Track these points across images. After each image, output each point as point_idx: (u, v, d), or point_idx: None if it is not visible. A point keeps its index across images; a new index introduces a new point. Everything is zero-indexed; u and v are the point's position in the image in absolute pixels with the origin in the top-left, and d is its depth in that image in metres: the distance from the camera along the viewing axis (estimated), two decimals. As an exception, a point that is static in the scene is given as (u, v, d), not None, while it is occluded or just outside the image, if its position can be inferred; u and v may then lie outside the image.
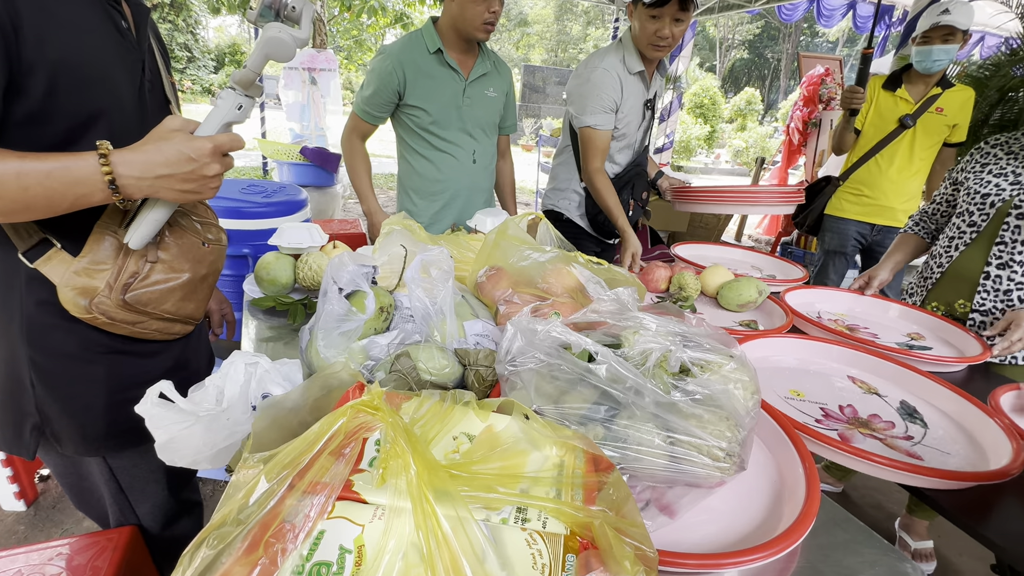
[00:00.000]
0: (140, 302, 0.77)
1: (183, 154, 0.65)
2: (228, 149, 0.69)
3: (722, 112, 14.73)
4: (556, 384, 0.68)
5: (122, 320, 0.77)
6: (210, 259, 0.88)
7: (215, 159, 0.68)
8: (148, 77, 0.79)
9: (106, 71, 0.71)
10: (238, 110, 0.71)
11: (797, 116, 4.94)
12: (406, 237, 1.09)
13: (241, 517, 0.30)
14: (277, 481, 0.31)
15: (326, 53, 7.42)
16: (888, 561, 0.59)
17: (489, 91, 1.67)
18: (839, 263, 2.43)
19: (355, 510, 0.33)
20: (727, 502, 0.66)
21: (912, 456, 0.77)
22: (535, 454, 0.40)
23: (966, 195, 1.40)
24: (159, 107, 0.83)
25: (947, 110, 2.13)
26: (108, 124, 0.72)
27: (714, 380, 0.67)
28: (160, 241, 0.80)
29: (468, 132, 1.66)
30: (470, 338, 0.88)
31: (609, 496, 0.37)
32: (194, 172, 0.67)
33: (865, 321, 1.39)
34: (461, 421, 0.43)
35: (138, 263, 0.77)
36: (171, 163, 0.65)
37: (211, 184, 0.70)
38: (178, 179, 0.66)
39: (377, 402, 0.34)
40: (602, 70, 1.61)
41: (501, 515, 0.34)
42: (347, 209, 6.15)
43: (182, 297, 0.83)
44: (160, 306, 0.80)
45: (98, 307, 0.74)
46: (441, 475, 0.31)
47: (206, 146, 0.66)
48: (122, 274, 0.75)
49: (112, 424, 0.83)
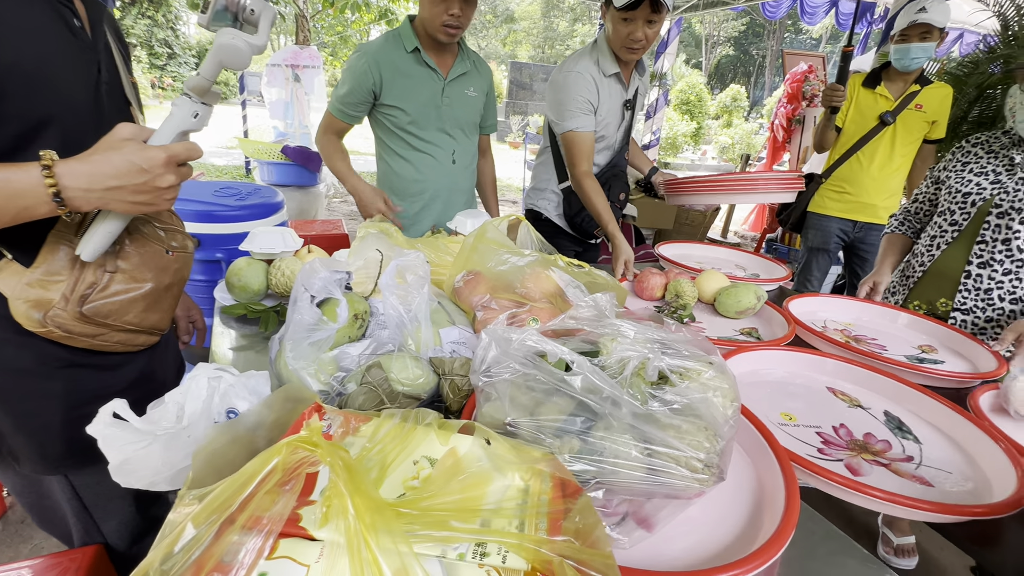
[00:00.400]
0: (99, 314, 0.74)
1: (134, 165, 0.62)
2: (184, 159, 0.66)
3: (708, 109, 14.81)
4: (532, 395, 0.66)
5: (80, 333, 0.73)
6: (175, 267, 0.85)
7: (169, 170, 0.65)
8: (105, 78, 0.76)
9: (56, 73, 0.67)
10: (194, 118, 0.68)
11: (781, 113, 4.98)
12: (382, 241, 1.07)
13: (164, 568, 0.28)
14: (205, 526, 0.29)
15: (309, 50, 7.32)
16: (869, 572, 0.58)
17: (469, 90, 1.65)
18: (822, 260, 2.45)
19: (301, 548, 0.31)
20: (707, 513, 0.65)
21: (921, 481, 0.74)
22: (498, 481, 0.38)
23: (948, 194, 1.40)
24: (118, 109, 0.80)
25: (926, 107, 2.15)
26: (60, 129, 0.68)
27: (693, 388, 0.65)
28: (120, 250, 0.76)
29: (447, 132, 1.63)
30: (446, 346, 0.86)
31: (575, 524, 0.35)
32: (146, 184, 0.63)
33: (873, 331, 1.31)
34: (423, 444, 0.41)
35: (96, 273, 0.73)
36: (121, 174, 0.61)
37: (165, 196, 0.67)
38: (129, 191, 0.63)
39: (316, 438, 0.32)
40: (575, 73, 1.61)
41: (458, 550, 0.32)
42: (331, 209, 6.08)
43: (145, 308, 0.80)
44: (122, 317, 0.77)
45: (53, 320, 0.70)
46: (387, 515, 0.29)
47: (159, 156, 0.63)
48: (79, 285, 0.72)
49: (72, 441, 0.79)
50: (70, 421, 0.78)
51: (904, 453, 0.81)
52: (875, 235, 2.34)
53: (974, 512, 0.63)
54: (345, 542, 0.27)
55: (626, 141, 1.85)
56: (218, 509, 0.30)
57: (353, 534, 0.27)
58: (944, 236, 1.40)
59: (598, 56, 1.64)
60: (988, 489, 0.73)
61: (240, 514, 0.30)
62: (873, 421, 0.90)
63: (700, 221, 4.59)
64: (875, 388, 0.99)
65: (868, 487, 0.66)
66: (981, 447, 0.81)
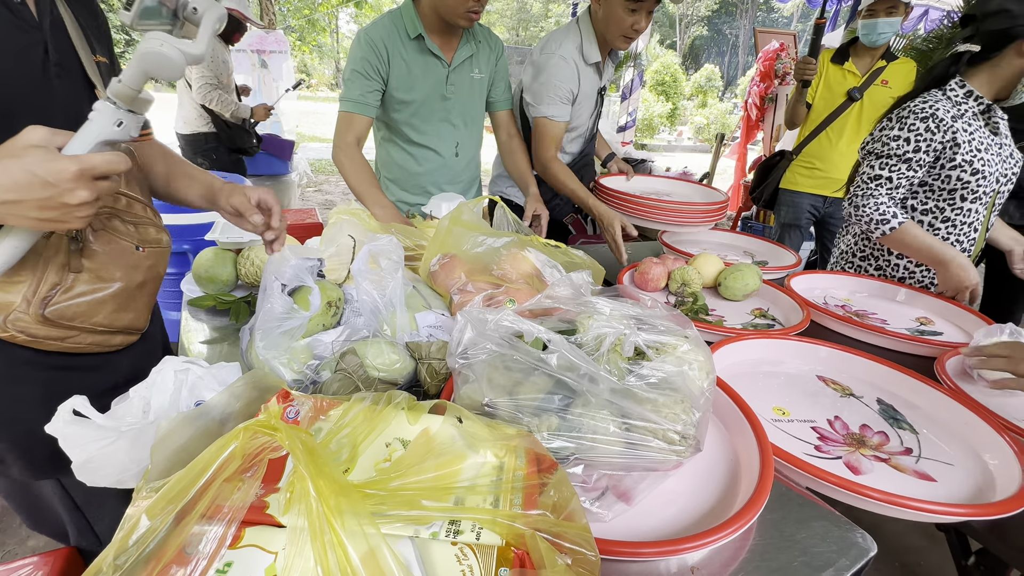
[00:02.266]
0: (64, 317, 0.69)
1: (36, 177, 0.53)
2: (102, 172, 0.57)
3: (683, 89, 14.85)
4: (510, 375, 0.65)
5: (46, 336, 0.69)
6: (147, 264, 0.79)
7: (80, 184, 0.55)
8: (55, 59, 0.68)
9: None
10: (118, 127, 0.59)
11: (754, 92, 5.02)
12: (354, 226, 1.04)
13: (118, 562, 0.26)
14: (160, 517, 0.28)
15: (276, 34, 7.07)
16: (839, 532, 0.60)
17: (474, 73, 1.53)
18: (794, 236, 2.50)
19: (269, 536, 0.30)
20: (685, 483, 0.66)
21: (923, 477, 0.73)
22: (472, 459, 0.37)
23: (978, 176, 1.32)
24: (77, 96, 0.71)
25: (892, 82, 2.19)
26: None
27: (669, 362, 0.66)
28: (83, 248, 0.70)
29: (451, 122, 1.53)
30: (423, 330, 0.85)
31: (551, 498, 0.35)
32: (51, 200, 0.54)
33: (873, 307, 1.33)
34: (394, 425, 0.41)
35: (60, 274, 0.68)
36: (20, 187, 0.53)
37: (76, 213, 0.57)
38: (30, 206, 0.54)
39: (274, 421, 0.31)
40: (559, 58, 1.54)
41: (432, 529, 0.31)
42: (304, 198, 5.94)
43: (116, 308, 0.75)
44: (90, 319, 0.72)
45: (15, 324, 0.66)
46: (352, 497, 0.28)
47: (68, 169, 0.54)
48: (41, 286, 0.67)
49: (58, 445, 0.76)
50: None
51: (903, 446, 0.80)
52: (844, 210, 2.38)
53: (985, 512, 0.62)
54: (308, 526, 0.26)
55: (595, 128, 1.83)
56: (174, 499, 0.29)
57: (316, 517, 0.26)
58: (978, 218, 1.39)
59: (582, 42, 1.58)
60: (991, 480, 0.72)
61: (198, 503, 0.28)
62: (867, 411, 0.88)
63: (677, 201, 4.62)
64: (865, 375, 0.97)
65: (872, 490, 0.64)
66: (978, 434, 0.80)
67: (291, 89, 5.02)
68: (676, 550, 0.53)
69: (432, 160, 1.56)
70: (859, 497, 0.65)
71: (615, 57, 1.72)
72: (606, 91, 1.78)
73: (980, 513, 0.63)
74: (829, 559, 0.56)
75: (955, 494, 0.70)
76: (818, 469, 0.67)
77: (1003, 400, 0.92)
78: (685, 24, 24.90)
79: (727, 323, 1.17)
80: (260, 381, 0.44)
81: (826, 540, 0.59)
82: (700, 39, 27.91)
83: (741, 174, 5.28)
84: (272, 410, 0.32)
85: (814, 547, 0.58)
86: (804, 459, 0.70)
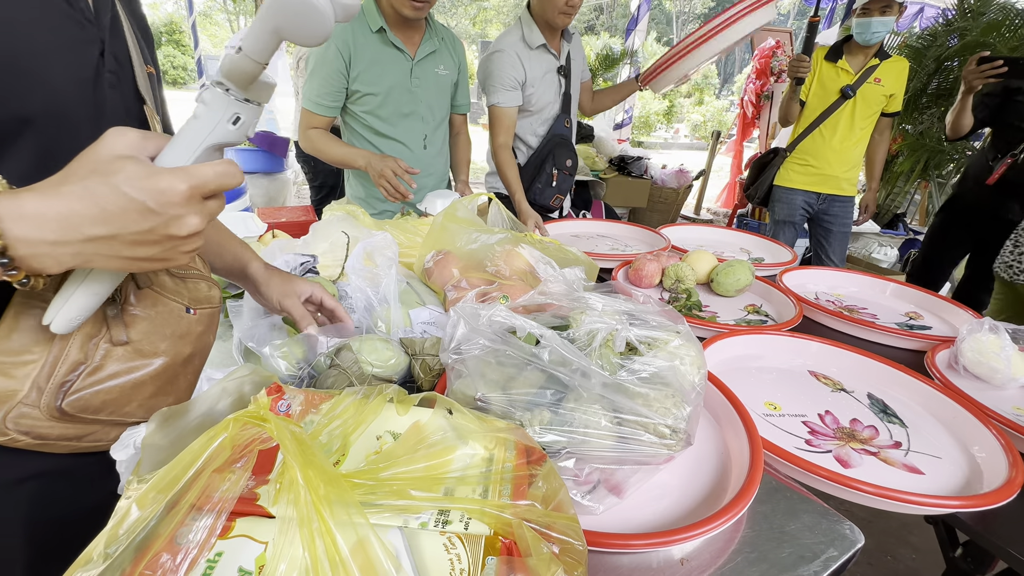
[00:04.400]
0: (88, 408, 0.49)
1: (133, 202, 0.38)
2: (214, 189, 0.41)
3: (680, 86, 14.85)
4: (503, 370, 0.66)
5: (59, 437, 0.49)
6: (197, 331, 0.59)
7: (191, 208, 0.40)
8: (111, 66, 0.54)
9: (36, 56, 0.46)
10: (233, 125, 0.44)
11: (750, 89, 5.03)
12: (348, 223, 1.05)
13: (109, 551, 0.27)
14: (150, 507, 0.28)
15: (270, 30, 7.03)
16: (827, 524, 0.61)
17: (439, 69, 1.59)
18: (788, 232, 2.51)
19: (260, 527, 0.31)
20: (676, 476, 0.67)
21: (911, 470, 0.74)
22: (462, 450, 0.38)
23: None
24: (126, 111, 0.57)
25: (884, 80, 2.20)
26: (36, 139, 0.47)
27: (660, 357, 0.66)
28: (123, 311, 0.52)
29: (419, 115, 1.58)
30: (417, 326, 0.85)
31: (539, 489, 0.36)
32: (153, 231, 0.39)
33: (863, 301, 1.36)
34: (385, 418, 0.41)
35: (85, 348, 0.49)
36: (111, 216, 0.38)
37: (183, 248, 0.42)
38: (125, 242, 0.39)
39: (263, 412, 0.31)
40: (499, 52, 1.71)
41: (420, 519, 0.32)
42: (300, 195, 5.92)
43: (154, 392, 0.54)
44: (121, 409, 0.52)
45: (18, 424, 0.46)
46: (341, 486, 0.29)
47: (175, 188, 0.39)
48: (59, 367, 0.48)
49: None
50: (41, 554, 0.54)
51: (892, 439, 0.81)
52: (838, 207, 2.40)
53: (972, 504, 0.63)
54: (296, 515, 0.27)
55: (566, 108, 1.89)
56: (164, 489, 0.29)
57: (304, 506, 0.27)
58: None
59: (523, 31, 1.72)
60: (979, 472, 0.73)
61: (188, 493, 0.29)
62: (857, 405, 0.89)
63: (673, 199, 4.63)
64: (857, 370, 0.98)
65: (861, 483, 0.64)
66: (967, 427, 0.81)
67: None
68: (666, 542, 0.54)
69: (400, 153, 1.59)
70: (848, 490, 0.65)
71: (568, 35, 1.83)
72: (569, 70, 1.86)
73: (967, 505, 0.64)
74: (817, 550, 0.57)
75: (943, 486, 0.71)
76: (808, 463, 0.68)
77: (991, 393, 0.94)
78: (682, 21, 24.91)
79: (720, 319, 1.17)
80: (253, 375, 0.45)
81: (814, 532, 0.60)
82: (697, 36, 27.88)
83: (737, 171, 5.30)
84: (261, 401, 0.33)
85: (803, 538, 0.59)
86: (795, 453, 0.71)
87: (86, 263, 0.39)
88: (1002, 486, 0.66)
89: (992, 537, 0.66)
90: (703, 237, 1.81)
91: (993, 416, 0.82)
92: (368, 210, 1.50)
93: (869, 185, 2.52)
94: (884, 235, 3.84)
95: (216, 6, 16.19)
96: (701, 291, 1.33)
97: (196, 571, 0.27)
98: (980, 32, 3.65)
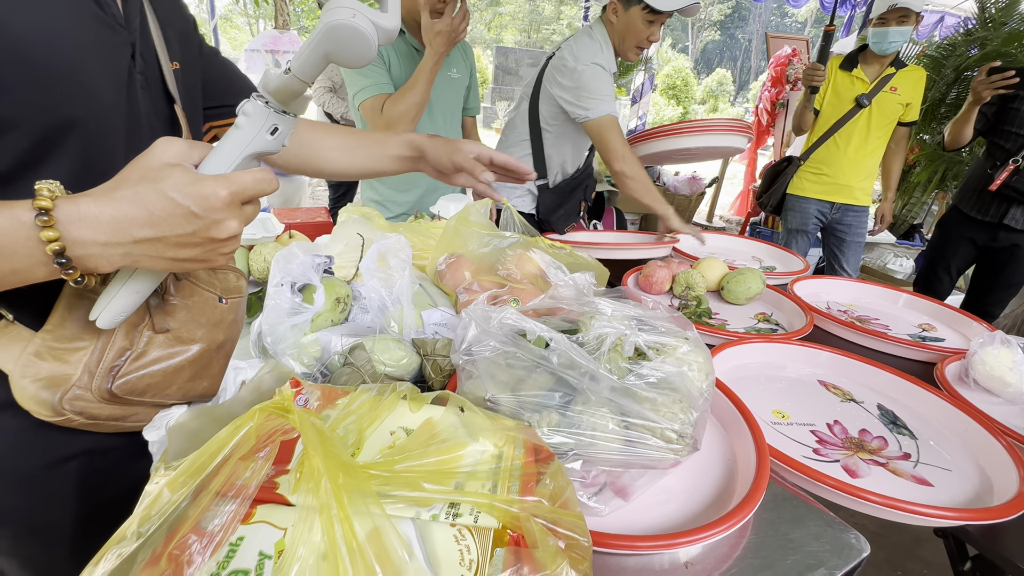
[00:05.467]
0: (135, 391, 0.54)
1: (179, 207, 0.41)
2: (251, 195, 0.45)
3: (694, 93, 14.82)
4: (512, 372, 0.67)
5: (108, 417, 0.54)
6: (229, 318, 0.64)
7: (231, 213, 0.43)
8: (141, 68, 0.56)
9: (78, 61, 0.48)
10: (271, 135, 0.46)
11: (766, 97, 5.01)
12: (363, 225, 1.07)
13: (142, 530, 0.28)
14: (181, 491, 0.30)
15: (289, 35, 7.15)
16: (833, 532, 0.61)
17: (452, 72, 1.62)
18: (801, 241, 2.49)
19: (279, 513, 0.32)
20: (682, 481, 0.67)
21: (920, 481, 0.73)
22: (472, 446, 0.39)
23: None
24: (156, 112, 0.59)
25: (900, 89, 2.18)
26: (80, 141, 0.49)
27: (668, 363, 0.67)
28: (163, 303, 0.56)
29: (430, 116, 1.60)
30: (428, 328, 0.87)
31: (547, 487, 0.37)
32: (196, 233, 0.42)
33: (875, 312, 1.35)
34: (398, 414, 0.42)
35: (130, 335, 0.53)
36: (159, 220, 0.41)
37: (222, 249, 0.46)
38: (169, 244, 0.42)
39: (287, 404, 0.33)
40: (598, 67, 1.57)
41: (432, 511, 0.33)
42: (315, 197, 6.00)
43: (192, 376, 0.59)
44: (162, 391, 0.56)
45: (72, 404, 0.50)
46: (359, 476, 0.30)
47: (218, 194, 0.42)
48: (107, 353, 0.52)
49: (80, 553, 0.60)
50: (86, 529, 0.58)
51: (901, 450, 0.80)
52: (852, 216, 2.38)
53: (982, 516, 0.63)
54: (317, 503, 0.28)
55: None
56: (194, 473, 0.31)
57: (324, 493, 0.28)
58: None
59: (604, 51, 1.59)
60: (988, 486, 0.72)
61: (215, 479, 0.30)
62: (867, 415, 0.88)
63: (686, 206, 4.62)
64: (867, 380, 0.98)
65: (869, 492, 0.64)
66: (977, 440, 0.80)
67: None
68: (670, 544, 0.54)
69: None
70: (856, 500, 0.65)
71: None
72: None
73: (976, 517, 0.64)
74: (822, 558, 0.57)
75: (952, 499, 0.70)
76: (815, 471, 0.68)
77: (1003, 408, 0.93)
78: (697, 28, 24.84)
79: (730, 327, 1.18)
80: (273, 371, 0.46)
81: (820, 540, 0.60)
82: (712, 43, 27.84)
83: (751, 179, 5.27)
84: (285, 393, 0.34)
85: (807, 546, 0.59)
86: (802, 461, 0.71)
87: (134, 263, 0.43)
88: (1012, 500, 0.65)
89: (1001, 551, 0.65)
90: (715, 245, 1.80)
91: (1004, 431, 0.82)
92: (384, 213, 1.53)
93: (885, 195, 2.50)
94: (900, 246, 3.79)
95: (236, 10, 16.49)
96: (711, 299, 1.33)
97: (220, 553, 0.29)
98: (1001, 42, 3.60)
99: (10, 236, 0.38)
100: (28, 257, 0.39)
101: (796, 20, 24.23)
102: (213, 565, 0.28)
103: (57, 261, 0.40)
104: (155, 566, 0.27)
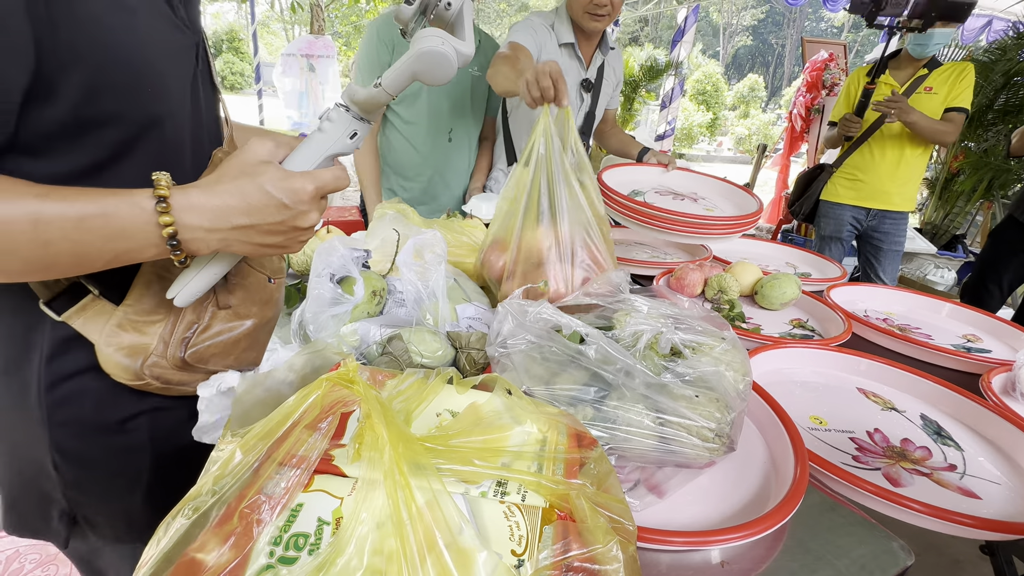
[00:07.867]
0: (202, 359, 0.60)
1: (273, 199, 0.47)
2: (332, 190, 0.51)
3: (725, 99, 14.60)
4: (547, 366, 0.68)
5: (179, 382, 0.60)
6: (276, 297, 0.71)
7: (315, 204, 0.50)
8: (200, 66, 0.61)
9: (159, 60, 0.52)
10: (350, 139, 0.53)
11: (800, 102, 4.89)
12: (399, 221, 1.09)
13: (216, 488, 0.30)
14: (252, 454, 0.31)
15: (324, 39, 7.35)
16: (877, 539, 0.59)
17: (473, 69, 1.62)
18: (835, 249, 2.43)
19: (335, 483, 0.33)
20: (716, 482, 0.67)
21: (967, 494, 0.70)
22: (517, 429, 0.40)
23: None
24: (209, 105, 0.65)
25: (936, 88, 2.11)
26: (160, 137, 0.54)
27: (705, 362, 0.67)
28: (226, 282, 0.62)
29: (444, 110, 1.62)
30: (462, 321, 0.88)
31: (591, 471, 0.37)
32: (283, 223, 0.48)
33: (916, 321, 1.29)
34: (444, 397, 0.43)
35: (198, 310, 0.60)
36: (254, 210, 0.47)
37: (300, 238, 0.52)
38: (260, 231, 0.48)
39: (352, 375, 0.34)
40: (527, 19, 1.50)
41: (480, 488, 0.34)
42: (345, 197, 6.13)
43: (247, 347, 0.66)
44: (223, 361, 0.63)
45: (152, 371, 0.57)
46: (416, 448, 0.31)
47: (306, 188, 0.48)
48: (179, 325, 0.58)
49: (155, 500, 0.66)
50: (157, 479, 0.65)
51: (946, 461, 0.77)
52: (889, 223, 2.30)
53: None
54: (381, 473, 0.29)
55: (586, 129, 1.70)
56: (265, 437, 0.32)
57: (388, 461, 0.29)
58: None
59: (555, 20, 1.53)
60: None
61: (282, 445, 0.32)
62: (909, 425, 0.85)
63: (714, 212, 4.54)
64: (909, 389, 0.94)
65: (913, 500, 0.62)
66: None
67: None
68: (708, 541, 0.54)
69: (422, 140, 1.63)
70: (899, 508, 0.63)
71: (605, 48, 1.64)
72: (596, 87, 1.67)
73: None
74: (864, 565, 0.56)
75: (1002, 512, 0.68)
76: (855, 477, 0.66)
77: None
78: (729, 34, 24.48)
79: (764, 332, 1.15)
80: (318, 354, 0.48)
81: (861, 546, 0.58)
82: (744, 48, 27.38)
83: (783, 186, 5.15)
84: (351, 365, 0.36)
85: (850, 552, 0.57)
86: (842, 467, 0.69)
87: (227, 247, 0.49)
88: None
89: (1055, 569, 0.63)
90: (747, 250, 1.77)
91: (1058, 444, 0.78)
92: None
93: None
94: (941, 256, 3.65)
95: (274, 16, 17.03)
96: (744, 303, 1.30)
97: (283, 517, 0.31)
98: (1055, 46, 3.45)
99: (131, 220, 0.44)
100: (144, 239, 0.45)
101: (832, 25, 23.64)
102: (275, 528, 0.30)
103: (169, 243, 0.45)
104: (228, 522, 0.29)
